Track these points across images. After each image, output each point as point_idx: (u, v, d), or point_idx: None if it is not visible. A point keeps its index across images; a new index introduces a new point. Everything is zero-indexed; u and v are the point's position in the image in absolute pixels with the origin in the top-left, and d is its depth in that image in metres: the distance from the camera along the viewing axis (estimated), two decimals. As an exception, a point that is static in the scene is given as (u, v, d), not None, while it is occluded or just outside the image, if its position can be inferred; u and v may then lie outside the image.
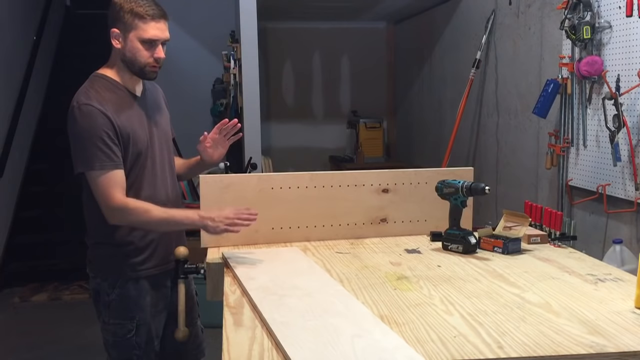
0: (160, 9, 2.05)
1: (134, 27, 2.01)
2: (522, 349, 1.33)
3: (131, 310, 2.11)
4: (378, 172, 2.42)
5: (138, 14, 2.00)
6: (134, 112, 2.08)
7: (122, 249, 2.10)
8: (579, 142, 3.11)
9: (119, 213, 1.99)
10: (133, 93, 2.11)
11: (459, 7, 4.84)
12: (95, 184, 1.98)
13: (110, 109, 2.00)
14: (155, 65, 2.07)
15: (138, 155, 2.07)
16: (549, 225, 2.22)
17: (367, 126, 6.54)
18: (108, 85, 2.06)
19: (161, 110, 2.25)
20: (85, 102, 1.98)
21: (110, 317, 2.12)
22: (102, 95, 2.02)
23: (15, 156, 5.67)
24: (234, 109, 5.37)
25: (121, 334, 2.11)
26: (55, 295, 4.93)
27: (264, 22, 5.52)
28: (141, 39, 2.01)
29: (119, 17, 2.02)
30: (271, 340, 1.42)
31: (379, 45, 6.98)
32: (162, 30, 2.05)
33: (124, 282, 2.11)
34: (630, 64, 2.71)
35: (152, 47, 2.03)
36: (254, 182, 2.28)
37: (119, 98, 2.05)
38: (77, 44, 7.12)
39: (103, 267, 2.14)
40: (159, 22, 2.03)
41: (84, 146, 1.97)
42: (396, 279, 1.84)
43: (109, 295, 2.11)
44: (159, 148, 2.17)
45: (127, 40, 2.03)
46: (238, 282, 1.84)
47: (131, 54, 2.03)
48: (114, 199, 1.97)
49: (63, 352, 3.88)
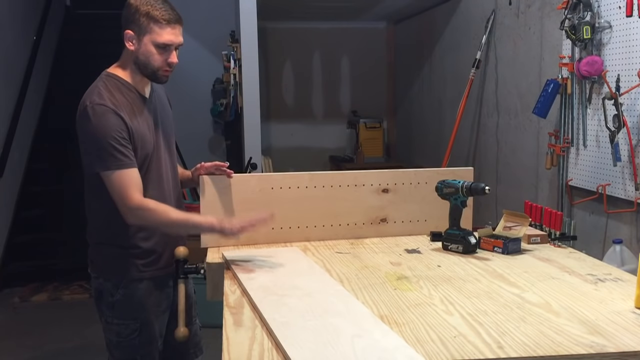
0: (176, 13, 2.04)
1: (149, 30, 2.00)
2: (522, 349, 1.33)
3: (135, 311, 2.11)
4: (378, 172, 2.42)
5: (154, 17, 1.99)
6: (143, 115, 2.08)
7: (128, 251, 2.09)
8: (579, 142, 3.11)
9: (138, 213, 1.99)
10: (142, 95, 2.10)
11: (459, 7, 4.84)
12: (112, 184, 1.97)
13: (123, 110, 2.00)
14: (168, 70, 2.06)
15: (145, 157, 2.07)
16: (549, 225, 2.22)
17: (367, 126, 6.54)
18: (119, 86, 2.05)
19: (166, 111, 2.24)
20: (99, 102, 1.97)
21: (114, 317, 2.11)
22: (114, 96, 2.01)
23: (15, 156, 5.67)
24: (234, 109, 5.37)
25: (125, 334, 2.10)
26: (55, 295, 4.93)
27: (264, 22, 5.52)
28: (156, 43, 2.00)
29: (135, 19, 2.00)
30: (271, 340, 1.42)
31: (379, 45, 6.98)
32: (177, 35, 2.04)
33: (128, 283, 2.10)
34: (630, 64, 2.71)
35: (166, 52, 2.03)
36: (254, 182, 2.28)
37: (130, 100, 2.05)
38: (77, 44, 7.12)
39: (106, 268, 2.13)
40: (174, 27, 2.02)
41: (100, 146, 1.96)
42: (396, 279, 1.84)
43: (112, 296, 2.10)
44: (164, 150, 2.17)
45: (141, 43, 2.01)
46: (238, 282, 1.84)
47: (144, 57, 2.02)
48: (132, 199, 1.97)
49: (63, 352, 3.88)
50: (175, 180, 2.25)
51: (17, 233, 5.60)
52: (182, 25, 2.06)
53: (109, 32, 3.87)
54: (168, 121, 2.23)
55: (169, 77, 2.09)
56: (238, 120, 5.27)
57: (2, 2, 5.60)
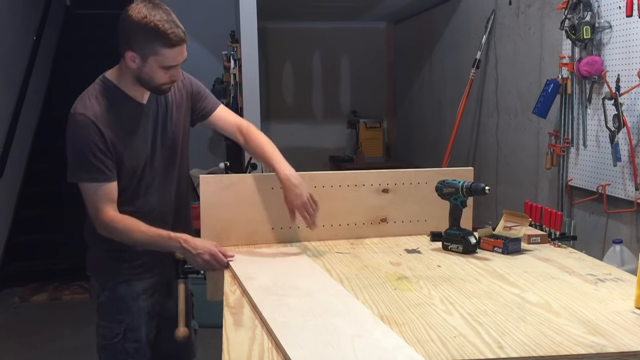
0: (181, 30, 1.91)
1: (155, 52, 1.88)
2: (522, 349, 1.33)
3: (120, 314, 2.07)
4: (378, 172, 2.42)
5: (161, 40, 1.86)
6: (136, 124, 2.01)
7: (114, 254, 2.07)
8: (579, 142, 3.11)
9: (104, 227, 1.98)
10: (139, 102, 2.03)
11: (459, 7, 4.84)
12: (85, 196, 1.97)
13: (106, 120, 1.93)
14: (171, 83, 2.00)
15: (135, 167, 2.02)
16: (549, 225, 2.22)
17: (367, 126, 6.54)
18: (110, 94, 1.98)
19: (173, 112, 2.12)
20: (81, 111, 1.93)
21: (101, 319, 2.10)
22: (101, 104, 1.95)
23: (15, 156, 5.67)
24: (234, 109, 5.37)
25: (109, 337, 2.08)
26: (55, 295, 4.93)
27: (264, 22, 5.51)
28: (162, 65, 1.91)
29: (138, 39, 1.88)
30: (271, 340, 1.41)
31: (379, 45, 6.98)
32: (183, 53, 1.94)
33: (114, 285, 2.08)
34: (630, 64, 2.71)
35: (171, 69, 1.95)
36: (254, 182, 2.27)
37: (120, 108, 1.98)
38: (77, 44, 7.12)
39: (95, 268, 2.14)
40: (181, 47, 1.91)
41: (76, 157, 1.94)
42: (396, 279, 1.84)
43: (98, 297, 2.10)
44: (163, 158, 2.09)
45: (146, 64, 1.91)
46: (238, 282, 1.84)
47: (148, 77, 1.94)
48: (101, 214, 1.95)
49: (63, 352, 3.88)
50: (180, 185, 2.18)
51: (17, 233, 5.60)
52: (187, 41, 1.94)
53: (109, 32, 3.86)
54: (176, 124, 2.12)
55: (171, 88, 2.04)
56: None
57: (2, 3, 5.60)
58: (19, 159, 5.83)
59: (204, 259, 1.96)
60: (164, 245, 2.01)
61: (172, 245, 1.99)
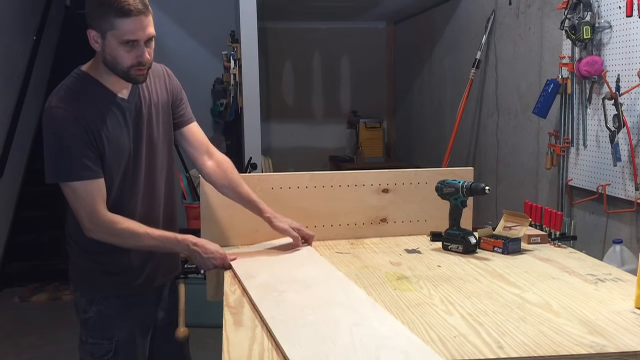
0: (139, 1, 1.74)
1: (111, 26, 1.73)
2: (522, 349, 1.33)
3: (110, 329, 1.94)
4: (378, 172, 2.42)
5: (114, 8, 1.71)
6: (115, 117, 1.84)
7: (103, 266, 1.93)
8: (579, 142, 3.11)
9: (103, 230, 1.81)
10: (118, 95, 1.86)
11: (459, 7, 4.84)
12: (73, 197, 1.78)
13: (85, 113, 1.78)
14: (141, 68, 1.80)
15: (118, 164, 1.85)
16: (549, 225, 2.22)
17: (367, 126, 6.54)
18: (86, 86, 1.83)
19: (159, 108, 1.97)
20: (57, 104, 1.77)
21: (88, 335, 1.96)
22: (77, 97, 1.79)
23: (15, 156, 5.67)
24: (234, 109, 5.37)
25: (98, 355, 1.94)
26: (55, 295, 4.93)
27: (264, 22, 5.52)
28: (120, 40, 1.74)
29: (96, 14, 1.75)
30: (271, 340, 1.42)
31: (379, 45, 6.97)
32: (144, 27, 1.75)
33: (102, 299, 1.93)
34: (630, 64, 2.71)
35: (135, 48, 1.76)
36: (254, 182, 2.27)
37: (97, 101, 1.82)
38: (77, 44, 7.08)
39: (82, 282, 1.97)
40: (139, 18, 1.73)
41: (57, 154, 1.78)
42: (396, 279, 1.84)
43: (86, 313, 1.94)
44: (148, 155, 1.93)
45: (105, 41, 1.76)
46: (238, 281, 1.84)
47: (111, 57, 1.77)
48: (99, 214, 1.79)
49: (63, 352, 3.88)
50: (168, 185, 2.04)
51: (17, 233, 5.60)
52: (150, 14, 1.77)
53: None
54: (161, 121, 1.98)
55: (145, 75, 1.83)
56: (238, 120, 5.26)
57: (2, 3, 5.59)
58: (19, 159, 5.83)
59: (214, 263, 1.93)
60: (172, 248, 1.93)
61: (181, 248, 1.93)
